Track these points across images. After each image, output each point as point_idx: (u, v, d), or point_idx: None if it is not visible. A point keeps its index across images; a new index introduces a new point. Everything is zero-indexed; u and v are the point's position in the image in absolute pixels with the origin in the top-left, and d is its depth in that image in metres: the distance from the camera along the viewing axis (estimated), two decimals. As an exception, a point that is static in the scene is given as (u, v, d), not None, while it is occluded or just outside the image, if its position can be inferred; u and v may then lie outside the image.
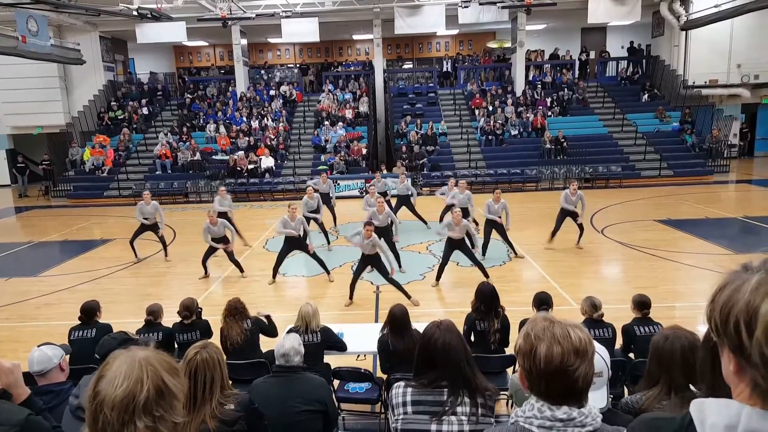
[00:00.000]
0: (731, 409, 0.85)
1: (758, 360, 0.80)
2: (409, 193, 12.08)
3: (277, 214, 14.78)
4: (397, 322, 4.36)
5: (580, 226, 10.11)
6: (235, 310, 4.82)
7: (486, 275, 8.23)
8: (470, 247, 8.44)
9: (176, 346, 5.02)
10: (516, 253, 9.86)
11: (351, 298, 7.87)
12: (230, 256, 9.24)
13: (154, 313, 5.08)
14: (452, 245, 8.29)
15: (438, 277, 8.53)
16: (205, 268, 9.38)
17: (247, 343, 4.74)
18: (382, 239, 8.06)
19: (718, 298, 0.87)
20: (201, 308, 5.31)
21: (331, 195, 12.44)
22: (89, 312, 5.00)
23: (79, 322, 5.01)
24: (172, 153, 19.38)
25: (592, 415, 1.29)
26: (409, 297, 7.60)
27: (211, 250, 9.21)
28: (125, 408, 1.12)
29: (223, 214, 10.19)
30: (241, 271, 9.34)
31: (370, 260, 7.77)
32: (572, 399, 1.28)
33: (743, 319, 0.81)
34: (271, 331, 5.17)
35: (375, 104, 22.50)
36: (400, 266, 9.18)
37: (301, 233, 8.82)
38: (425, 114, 21.34)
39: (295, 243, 8.82)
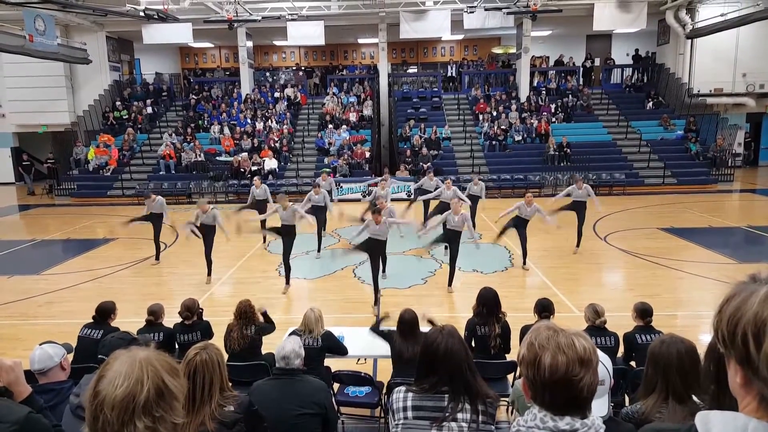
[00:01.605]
0: (738, 422, 0.84)
1: (766, 373, 0.79)
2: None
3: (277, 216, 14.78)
4: (407, 326, 4.34)
5: (579, 232, 10.28)
6: (242, 314, 4.79)
7: (450, 281, 8.40)
8: (458, 246, 8.46)
9: (177, 346, 5.02)
10: (524, 263, 9.64)
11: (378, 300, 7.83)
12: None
13: (154, 314, 5.06)
14: (448, 239, 8.36)
15: (450, 282, 8.54)
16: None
17: (244, 349, 4.70)
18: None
19: (725, 309, 0.86)
20: (202, 309, 5.30)
21: (332, 196, 12.40)
22: (102, 313, 4.97)
23: (92, 321, 4.99)
24: (176, 153, 19.43)
25: (595, 427, 1.27)
26: (375, 303, 7.66)
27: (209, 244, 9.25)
28: (125, 408, 1.12)
29: (262, 202, 11.20)
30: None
31: (377, 250, 7.74)
32: (576, 409, 1.27)
33: (751, 331, 0.80)
34: (269, 330, 5.08)
35: (379, 108, 22.53)
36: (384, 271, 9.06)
37: (296, 222, 8.82)
38: (429, 118, 21.35)
39: (287, 231, 8.76)
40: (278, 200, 8.95)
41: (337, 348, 4.70)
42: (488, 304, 4.79)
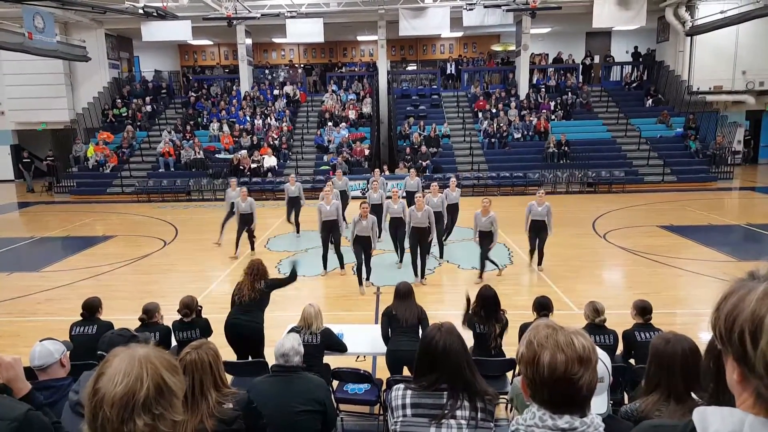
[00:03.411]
0: (735, 417, 0.85)
1: (762, 370, 0.80)
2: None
3: (279, 213, 14.79)
4: (401, 294, 4.87)
5: (541, 251, 9.13)
6: (255, 270, 5.17)
7: (419, 275, 8.63)
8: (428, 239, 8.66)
9: (176, 343, 5.02)
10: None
11: (361, 283, 8.44)
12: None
13: (149, 312, 5.04)
14: (414, 235, 8.52)
15: (416, 273, 8.67)
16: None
17: (254, 301, 5.04)
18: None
19: (723, 307, 0.86)
20: (201, 306, 5.30)
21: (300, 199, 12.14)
22: (91, 308, 5.00)
23: (81, 318, 5.01)
24: (175, 151, 19.42)
25: (594, 425, 1.27)
26: (360, 284, 8.39)
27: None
28: (125, 406, 1.12)
29: (295, 199, 11.97)
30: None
31: (362, 241, 8.27)
32: (575, 407, 1.27)
33: (748, 328, 0.80)
34: (290, 280, 5.52)
35: (378, 105, 22.49)
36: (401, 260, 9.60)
37: (340, 218, 9.39)
38: (428, 116, 21.33)
39: (330, 226, 9.26)
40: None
41: (337, 345, 4.71)
42: (487, 305, 4.77)
